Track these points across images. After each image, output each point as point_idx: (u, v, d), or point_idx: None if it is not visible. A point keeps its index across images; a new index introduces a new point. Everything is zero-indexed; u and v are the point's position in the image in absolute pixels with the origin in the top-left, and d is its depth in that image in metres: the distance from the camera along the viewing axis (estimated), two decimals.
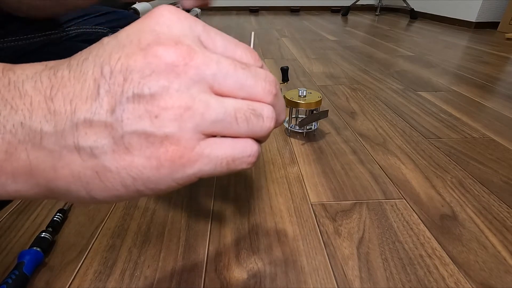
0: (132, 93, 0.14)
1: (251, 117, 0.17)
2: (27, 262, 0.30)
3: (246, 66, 0.17)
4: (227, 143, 0.17)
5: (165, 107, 0.14)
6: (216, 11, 3.23)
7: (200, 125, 0.15)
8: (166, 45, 0.15)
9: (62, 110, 0.14)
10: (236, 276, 0.31)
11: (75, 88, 0.14)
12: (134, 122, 0.14)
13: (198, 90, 0.15)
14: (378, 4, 2.95)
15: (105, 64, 0.14)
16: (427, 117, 0.70)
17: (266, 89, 0.17)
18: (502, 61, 1.24)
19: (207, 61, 0.15)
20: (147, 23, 0.15)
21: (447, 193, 0.45)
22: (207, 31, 0.17)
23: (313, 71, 1.07)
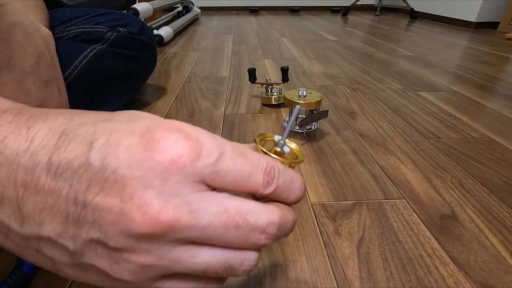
0: (97, 237, 0.14)
1: (223, 271, 0.16)
2: (27, 262, 0.30)
3: (241, 224, 0.15)
4: (190, 284, 0.17)
5: (127, 259, 0.14)
6: (216, 11, 3.23)
7: (161, 274, 0.15)
8: (148, 210, 0.13)
9: (30, 217, 0.14)
10: (236, 276, 0.31)
11: (47, 200, 0.13)
12: (93, 258, 0.14)
13: (171, 248, 0.14)
14: (378, 4, 2.95)
15: (81, 193, 0.13)
16: (427, 117, 0.70)
17: (258, 243, 0.16)
18: (502, 61, 1.24)
19: (192, 225, 0.14)
20: (145, 160, 0.13)
21: (447, 193, 0.45)
22: (216, 170, 0.15)
23: (313, 71, 1.07)
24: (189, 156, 0.14)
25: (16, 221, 0.14)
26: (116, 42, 0.59)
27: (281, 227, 0.16)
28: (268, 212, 0.16)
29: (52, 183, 0.13)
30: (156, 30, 1.47)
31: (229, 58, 1.23)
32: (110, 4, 1.27)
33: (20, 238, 0.14)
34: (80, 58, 0.53)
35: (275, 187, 0.16)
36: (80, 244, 0.14)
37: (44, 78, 0.37)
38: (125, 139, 0.14)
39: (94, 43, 0.56)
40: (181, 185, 0.14)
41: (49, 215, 0.14)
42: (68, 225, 0.14)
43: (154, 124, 0.15)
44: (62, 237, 0.14)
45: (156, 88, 0.88)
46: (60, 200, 0.13)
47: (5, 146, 0.13)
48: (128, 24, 0.64)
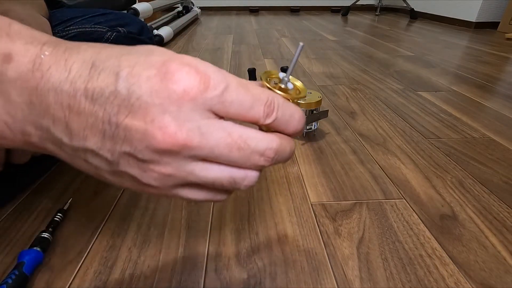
0: (128, 151, 0.17)
1: (228, 184, 0.19)
2: (27, 262, 0.30)
3: (242, 147, 0.18)
4: (201, 193, 0.20)
5: (153, 169, 0.17)
6: (216, 11, 3.23)
7: (179, 183, 0.19)
8: (166, 130, 0.16)
9: (76, 133, 0.17)
10: (236, 276, 0.31)
11: (88, 121, 0.16)
12: (126, 167, 0.18)
13: (186, 162, 0.18)
14: (378, 4, 2.95)
15: (113, 115, 0.16)
16: (427, 117, 0.70)
17: (258, 164, 0.19)
18: (502, 61, 1.24)
19: (202, 144, 0.17)
20: (163, 90, 0.16)
21: (447, 193, 0.45)
22: (222, 101, 0.17)
23: (313, 71, 1.07)
24: (198, 87, 0.16)
25: (66, 136, 0.17)
26: (116, 42, 0.59)
27: (278, 153, 0.19)
28: (268, 139, 0.19)
29: (90, 107, 0.16)
30: (156, 30, 1.47)
31: (229, 58, 1.23)
32: (110, 4, 1.27)
33: (70, 150, 0.18)
34: None
35: (274, 118, 0.19)
36: (116, 156, 0.17)
37: None
38: (145, 71, 0.16)
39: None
40: (193, 112, 0.17)
41: (90, 132, 0.17)
42: (105, 141, 0.17)
43: (169, 58, 0.17)
44: (102, 149, 0.17)
45: None
46: (98, 120, 0.16)
47: (51, 75, 0.16)
48: (128, 24, 0.64)
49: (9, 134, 0.18)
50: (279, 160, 0.20)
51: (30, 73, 0.16)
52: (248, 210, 0.41)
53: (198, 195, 0.20)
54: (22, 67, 0.16)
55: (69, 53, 0.17)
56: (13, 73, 0.16)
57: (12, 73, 0.16)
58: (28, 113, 0.17)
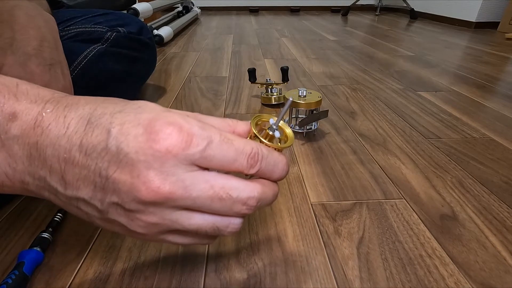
0: (116, 201, 0.19)
1: (212, 232, 0.21)
2: (27, 262, 0.30)
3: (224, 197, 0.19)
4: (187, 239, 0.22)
5: (139, 218, 0.19)
6: (216, 11, 3.23)
7: (165, 230, 0.20)
8: (150, 185, 0.18)
9: (70, 183, 0.19)
10: (236, 276, 0.31)
11: (81, 172, 0.18)
12: (115, 215, 0.19)
13: (170, 212, 0.19)
14: (378, 4, 2.95)
15: (104, 169, 0.18)
16: (427, 117, 0.70)
17: (241, 212, 0.20)
18: (502, 61, 1.24)
19: (185, 196, 0.18)
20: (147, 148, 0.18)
21: (447, 193, 0.45)
22: (204, 156, 0.19)
23: (313, 71, 1.07)
24: (180, 146, 0.18)
25: (61, 186, 0.19)
26: (116, 42, 0.59)
27: (260, 200, 0.21)
28: (250, 188, 0.20)
29: (83, 161, 0.18)
30: (156, 30, 1.47)
31: (229, 58, 1.23)
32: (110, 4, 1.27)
33: (65, 198, 0.19)
34: (80, 58, 0.53)
35: (258, 169, 0.20)
36: (105, 205, 0.19)
37: (48, 61, 0.37)
38: (133, 130, 0.18)
39: (94, 43, 0.56)
40: (176, 168, 0.18)
41: (83, 183, 0.18)
42: (96, 191, 0.18)
43: (155, 117, 0.19)
44: (93, 199, 0.19)
45: (156, 88, 0.88)
46: (90, 173, 0.18)
47: (50, 131, 0.18)
48: (128, 24, 0.64)
49: (9, 183, 0.19)
50: (261, 206, 0.21)
51: (31, 130, 0.18)
52: None
53: (184, 240, 0.22)
54: (25, 124, 0.18)
55: (69, 110, 0.19)
56: (16, 131, 0.18)
57: (16, 131, 0.18)
58: (28, 165, 0.18)
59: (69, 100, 0.19)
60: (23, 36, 0.35)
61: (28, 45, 0.35)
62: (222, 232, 0.21)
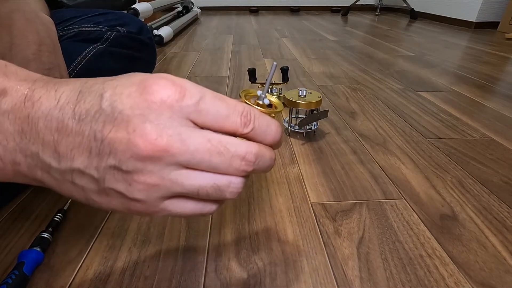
0: (113, 164, 0.18)
1: (213, 192, 0.20)
2: (27, 262, 0.30)
3: (222, 151, 0.19)
4: (189, 205, 0.21)
5: (137, 180, 0.18)
6: (216, 11, 3.23)
7: (165, 194, 0.19)
8: (147, 138, 0.17)
9: (64, 154, 0.18)
10: (236, 276, 0.31)
11: (75, 141, 0.18)
12: (112, 182, 0.18)
13: (169, 170, 0.18)
14: (378, 4, 2.95)
15: (98, 132, 0.17)
16: (427, 117, 0.70)
17: (240, 168, 0.20)
18: (502, 61, 1.24)
19: (183, 150, 0.18)
20: (142, 102, 0.18)
21: (447, 193, 0.45)
22: (199, 109, 0.18)
23: (313, 71, 1.07)
24: (174, 96, 0.18)
25: (54, 159, 0.18)
26: (115, 41, 0.59)
27: (258, 157, 0.20)
28: (247, 143, 0.20)
29: (77, 127, 0.18)
30: (156, 30, 1.47)
31: (229, 58, 1.23)
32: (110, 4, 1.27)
33: (58, 173, 0.19)
34: (79, 58, 0.53)
35: (252, 128, 0.20)
36: (102, 172, 0.18)
37: (46, 65, 0.37)
38: (126, 89, 0.18)
39: (94, 43, 0.56)
40: (172, 120, 0.18)
41: (77, 151, 0.18)
42: (92, 158, 0.18)
43: (147, 76, 0.19)
44: (88, 167, 0.18)
45: None
46: (84, 139, 0.18)
47: (41, 104, 0.18)
48: (127, 24, 0.64)
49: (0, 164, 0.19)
50: (260, 165, 0.21)
51: (22, 104, 0.18)
52: (248, 210, 0.41)
53: (186, 208, 0.21)
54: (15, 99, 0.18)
55: (59, 85, 0.19)
56: (6, 106, 0.18)
57: (6, 106, 0.18)
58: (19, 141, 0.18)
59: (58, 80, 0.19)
60: (21, 41, 0.35)
61: (26, 49, 0.35)
62: (223, 193, 0.20)
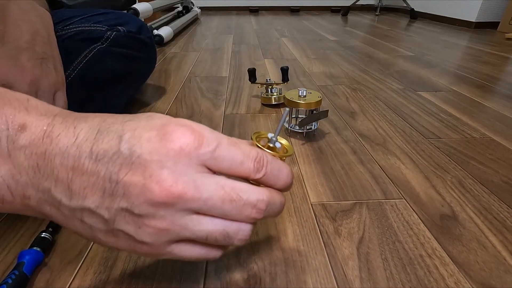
0: (126, 207, 0.18)
1: (222, 239, 0.20)
2: (27, 262, 0.30)
3: (235, 198, 0.19)
4: (195, 249, 0.21)
5: (148, 224, 0.18)
6: (216, 11, 3.23)
7: (173, 238, 0.19)
8: (163, 184, 0.17)
9: (76, 193, 0.18)
10: (236, 276, 0.31)
11: (89, 180, 0.18)
12: (122, 224, 0.18)
13: (181, 216, 0.19)
14: (378, 4, 2.95)
15: (114, 174, 0.18)
16: (427, 117, 0.70)
17: (250, 216, 0.20)
18: (502, 61, 1.24)
19: (196, 197, 0.18)
20: (161, 148, 0.18)
21: (447, 193, 0.45)
22: (215, 157, 0.19)
23: (313, 71, 1.07)
24: (193, 145, 0.18)
25: (66, 196, 0.18)
26: (115, 41, 0.59)
27: (269, 205, 0.20)
28: (259, 191, 0.20)
29: (93, 167, 0.18)
30: (156, 30, 1.47)
31: (229, 58, 1.23)
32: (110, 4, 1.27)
33: (68, 210, 0.19)
34: (79, 58, 0.53)
35: (264, 173, 0.20)
36: (113, 213, 0.18)
37: (39, 55, 0.37)
38: (146, 133, 0.18)
39: (94, 42, 0.56)
40: (188, 167, 0.18)
41: (90, 191, 0.18)
42: (104, 198, 0.18)
43: (167, 121, 0.19)
44: (99, 208, 0.18)
45: (156, 88, 0.88)
46: (99, 179, 0.18)
47: (59, 141, 0.18)
48: (127, 23, 0.64)
49: (10, 197, 0.19)
50: (270, 212, 0.21)
51: (40, 140, 0.18)
52: None
53: (192, 252, 0.21)
54: (34, 135, 0.18)
55: (78, 122, 0.19)
56: (25, 141, 0.18)
57: (24, 141, 0.18)
58: (32, 176, 0.18)
59: (77, 115, 0.19)
60: (15, 30, 0.35)
61: (20, 39, 0.35)
62: (232, 240, 0.20)
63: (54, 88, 0.39)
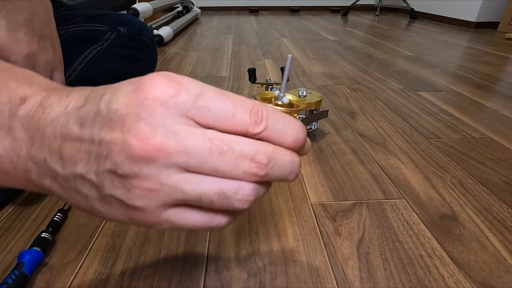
0: (110, 168, 0.17)
1: (218, 200, 0.17)
2: (27, 262, 0.30)
3: (225, 150, 0.16)
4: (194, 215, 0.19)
5: (135, 185, 0.17)
6: (216, 11, 3.23)
7: (166, 201, 0.18)
8: (140, 137, 0.16)
9: (68, 160, 0.18)
10: (236, 276, 0.31)
11: (76, 146, 0.17)
12: (111, 188, 0.17)
13: (168, 174, 0.17)
14: (378, 4, 2.95)
15: (96, 134, 0.17)
16: (427, 117, 0.70)
17: (249, 171, 0.17)
18: (502, 61, 1.24)
19: (179, 149, 0.16)
20: (135, 99, 0.17)
21: (447, 193, 0.45)
22: (197, 106, 0.17)
23: (313, 71, 1.07)
24: (169, 92, 0.16)
25: (60, 165, 0.18)
26: (116, 42, 0.59)
27: (273, 159, 0.17)
28: (258, 144, 0.17)
29: (78, 131, 0.17)
30: (156, 30, 1.47)
31: (229, 58, 1.23)
32: (110, 4, 1.27)
33: (63, 180, 0.18)
34: (80, 58, 0.53)
35: (265, 126, 0.17)
36: (100, 177, 0.17)
37: (37, 32, 0.37)
38: (123, 89, 0.17)
39: (94, 43, 0.56)
40: (166, 117, 0.16)
41: (79, 156, 0.17)
42: (91, 162, 0.17)
43: (148, 75, 0.18)
44: (88, 172, 0.17)
45: None
46: (84, 143, 0.17)
47: (51, 109, 0.18)
48: (128, 24, 0.64)
49: (13, 171, 0.19)
50: (276, 170, 0.18)
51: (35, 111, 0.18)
52: (248, 210, 0.41)
53: (191, 219, 0.19)
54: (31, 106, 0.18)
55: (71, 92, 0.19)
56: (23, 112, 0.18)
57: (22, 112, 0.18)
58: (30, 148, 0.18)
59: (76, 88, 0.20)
60: (13, 8, 0.35)
61: (17, 15, 0.35)
62: (230, 201, 0.17)
63: (51, 67, 0.39)
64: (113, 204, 0.18)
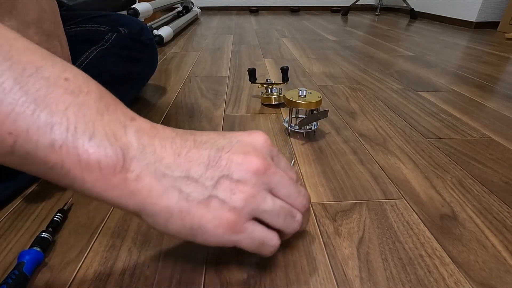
0: (227, 174, 0.22)
1: (288, 216, 0.25)
2: (27, 262, 0.30)
3: (296, 184, 0.26)
4: (263, 230, 0.25)
5: (241, 190, 0.22)
6: (216, 11, 3.23)
7: (255, 210, 0.23)
8: (257, 157, 0.23)
9: (181, 164, 0.21)
10: (236, 276, 0.31)
11: (194, 155, 0.22)
12: (220, 190, 0.22)
13: (264, 189, 0.24)
14: (378, 4, 2.95)
15: (217, 153, 0.23)
16: (427, 117, 0.70)
17: (303, 202, 0.27)
18: (502, 61, 1.24)
19: (276, 173, 0.24)
20: (249, 140, 0.25)
21: (447, 193, 0.45)
22: (277, 155, 0.27)
23: (313, 71, 1.07)
24: (268, 142, 0.27)
25: (169, 169, 0.21)
26: (116, 42, 0.59)
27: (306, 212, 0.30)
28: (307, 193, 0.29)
29: (198, 148, 0.23)
30: (156, 30, 1.47)
31: (229, 58, 1.23)
32: (110, 5, 1.27)
33: (170, 180, 0.21)
34: (80, 59, 0.53)
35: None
36: (215, 180, 0.22)
37: (46, 31, 0.37)
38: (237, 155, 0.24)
39: (95, 44, 0.56)
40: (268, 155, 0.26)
41: (195, 163, 0.22)
42: (207, 170, 0.22)
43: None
44: (202, 177, 0.22)
45: (156, 88, 0.88)
46: (203, 156, 0.23)
47: (164, 132, 0.23)
48: (128, 25, 0.64)
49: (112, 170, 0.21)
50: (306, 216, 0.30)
51: (148, 128, 0.23)
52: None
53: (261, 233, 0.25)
54: (142, 123, 0.23)
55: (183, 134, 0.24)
56: (135, 127, 0.22)
57: (134, 127, 0.22)
58: (140, 153, 0.22)
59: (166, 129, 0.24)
60: (22, 7, 0.36)
61: (27, 15, 0.36)
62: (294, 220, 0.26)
63: None
64: (210, 206, 0.22)
